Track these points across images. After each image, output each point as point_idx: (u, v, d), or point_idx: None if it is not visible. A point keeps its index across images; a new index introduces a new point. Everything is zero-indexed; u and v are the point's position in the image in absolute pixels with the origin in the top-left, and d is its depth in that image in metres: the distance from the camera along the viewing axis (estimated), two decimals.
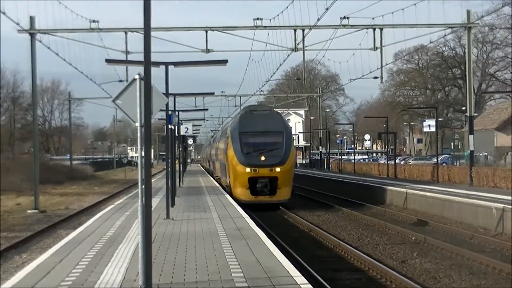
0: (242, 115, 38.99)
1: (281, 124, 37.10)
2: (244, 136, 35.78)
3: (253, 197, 34.84)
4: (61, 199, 46.51)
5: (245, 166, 34.72)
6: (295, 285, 11.27)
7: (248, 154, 35.14)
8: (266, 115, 37.91)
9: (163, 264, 13.37)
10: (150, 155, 11.09)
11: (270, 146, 35.60)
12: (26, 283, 11.71)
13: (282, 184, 34.88)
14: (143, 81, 10.92)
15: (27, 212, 36.06)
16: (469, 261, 19.85)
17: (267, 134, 36.07)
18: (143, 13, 10.56)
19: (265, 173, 34.60)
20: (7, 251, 22.38)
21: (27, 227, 29.26)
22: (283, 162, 34.87)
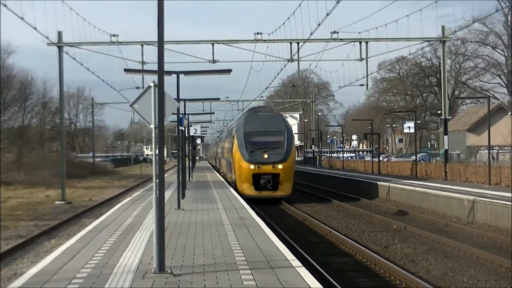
0: (247, 116, 37.94)
1: (283, 125, 35.96)
2: (249, 135, 34.67)
3: (257, 192, 33.75)
4: (85, 191, 46.56)
5: (249, 163, 33.66)
6: (291, 268, 11.31)
7: (252, 152, 33.99)
8: (269, 116, 36.85)
9: (174, 249, 13.42)
10: (163, 153, 11.14)
11: (273, 145, 34.46)
12: (55, 265, 11.76)
13: (283, 180, 33.89)
14: (157, 88, 10.97)
15: (55, 203, 36.10)
16: (444, 246, 19.90)
17: (270, 133, 34.91)
18: (157, 28, 10.61)
19: (268, 170, 33.65)
20: (38, 237, 22.44)
21: (55, 216, 29.32)
22: (284, 159, 33.81)
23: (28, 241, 21.36)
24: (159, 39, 10.64)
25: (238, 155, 34.45)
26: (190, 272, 10.91)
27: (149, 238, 14.72)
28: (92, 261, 12.22)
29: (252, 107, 51.27)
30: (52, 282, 10.32)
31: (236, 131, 36.12)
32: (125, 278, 10.52)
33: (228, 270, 11.05)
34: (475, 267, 16.56)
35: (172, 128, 72.94)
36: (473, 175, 36.85)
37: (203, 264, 11.75)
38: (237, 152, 34.57)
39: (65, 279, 10.50)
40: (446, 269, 16.29)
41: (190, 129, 36.45)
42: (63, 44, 38.72)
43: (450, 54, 76.64)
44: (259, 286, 9.75)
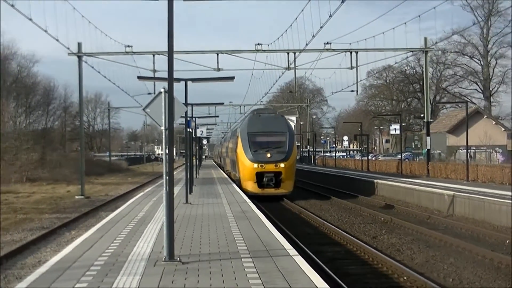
0: (250, 117, 36.26)
1: (285, 125, 34.24)
2: (252, 135, 33.03)
3: (260, 190, 32.05)
4: (102, 187, 46.58)
5: (253, 162, 32.09)
6: (288, 256, 11.32)
7: (256, 152, 32.36)
8: (271, 117, 35.26)
9: (183, 239, 13.44)
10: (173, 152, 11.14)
11: (275, 145, 32.75)
12: (75, 254, 11.79)
13: (285, 178, 32.31)
14: (167, 93, 10.98)
15: (75, 197, 36.12)
16: (426, 236, 19.91)
17: (273, 134, 33.23)
18: (167, 40, 10.62)
19: (271, 169, 32.01)
20: (60, 228, 22.45)
21: (75, 210, 29.34)
22: (286, 158, 32.20)
23: (51, 232, 21.38)
24: (169, 50, 10.65)
25: (242, 154, 33.01)
26: (197, 260, 10.93)
27: (159, 230, 14.74)
28: (109, 250, 12.24)
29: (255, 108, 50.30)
30: (73, 269, 10.34)
31: (240, 131, 34.74)
32: (138, 265, 10.54)
33: (232, 259, 11.06)
34: (454, 255, 16.56)
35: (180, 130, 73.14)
36: (453, 172, 36.90)
37: (209, 253, 11.76)
38: (241, 151, 33.09)
39: (84, 266, 10.53)
40: (428, 257, 16.30)
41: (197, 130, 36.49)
42: (82, 54, 38.76)
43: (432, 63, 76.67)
44: (259, 272, 9.76)
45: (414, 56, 65.85)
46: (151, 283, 9.10)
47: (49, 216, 26.67)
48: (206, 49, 39.64)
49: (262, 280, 9.15)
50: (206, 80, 26.21)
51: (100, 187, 46.81)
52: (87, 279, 9.46)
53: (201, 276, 9.54)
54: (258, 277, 9.43)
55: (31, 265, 15.35)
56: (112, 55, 39.43)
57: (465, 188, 27.99)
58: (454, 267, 15.04)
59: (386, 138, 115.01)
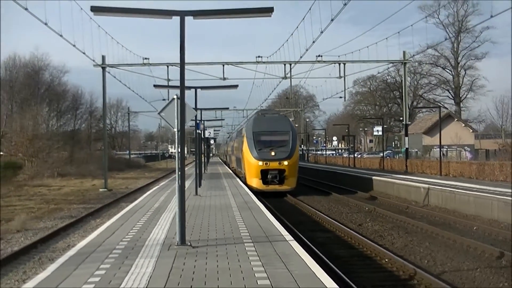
0: (255, 117, 33.93)
1: (288, 125, 31.94)
2: (257, 135, 30.64)
3: (265, 186, 29.82)
4: (122, 181, 46.60)
5: (258, 160, 29.82)
6: (284, 241, 11.31)
7: (261, 150, 30.00)
8: (275, 118, 33.11)
9: (193, 227, 13.43)
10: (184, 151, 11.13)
11: (279, 143, 30.34)
12: (100, 239, 11.78)
13: (289, 175, 30.05)
14: (179, 100, 10.96)
15: (99, 190, 36.14)
16: (405, 224, 19.91)
17: (276, 133, 30.77)
18: (179, 53, 10.60)
19: (275, 166, 29.73)
20: (86, 217, 22.47)
21: (99, 201, 29.35)
22: (290, 156, 29.93)
23: (78, 220, 21.41)
24: (181, 62, 10.63)
25: (247, 153, 30.77)
26: (205, 245, 10.91)
27: (173, 218, 14.72)
28: (128, 236, 12.23)
29: (260, 109, 47.85)
30: (97, 252, 10.33)
31: (246, 131, 32.36)
32: (154, 249, 10.52)
33: (235, 243, 11.05)
34: (429, 240, 16.56)
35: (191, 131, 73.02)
36: (428, 168, 36.91)
37: (216, 238, 11.75)
38: (247, 150, 30.81)
39: (108, 250, 10.52)
40: (407, 242, 16.29)
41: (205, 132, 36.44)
42: (106, 65, 38.79)
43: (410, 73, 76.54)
44: (260, 255, 9.75)
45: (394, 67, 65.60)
46: (165, 265, 9.09)
47: (77, 206, 26.70)
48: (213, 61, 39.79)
49: (262, 262, 9.14)
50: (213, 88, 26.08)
51: (121, 181, 46.84)
52: (110, 261, 9.45)
53: (209, 259, 9.53)
54: (259, 259, 9.41)
55: (61, 248, 15.35)
56: (132, 66, 39.46)
57: (438, 182, 27.98)
58: (429, 250, 15.03)
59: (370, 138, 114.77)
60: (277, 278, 8.00)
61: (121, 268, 8.90)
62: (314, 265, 8.88)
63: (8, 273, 12.76)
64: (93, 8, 10.18)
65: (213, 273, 8.42)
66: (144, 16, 10.79)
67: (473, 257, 14.07)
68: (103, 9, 10.28)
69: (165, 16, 10.39)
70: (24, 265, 13.55)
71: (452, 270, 12.86)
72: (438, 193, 24.83)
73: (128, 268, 8.85)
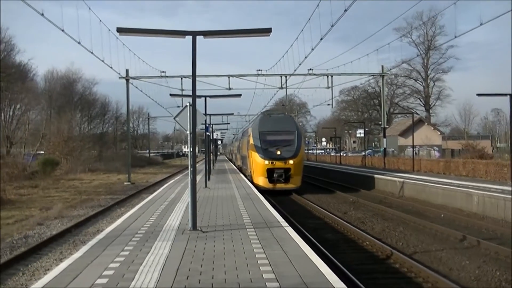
0: (261, 117, 29.77)
1: (293, 125, 28.37)
2: (263, 134, 27.28)
3: (271, 185, 26.65)
4: (143, 176, 46.60)
5: (264, 159, 26.57)
6: (281, 227, 11.29)
7: (266, 149, 26.73)
8: (281, 117, 29.38)
9: (203, 215, 13.41)
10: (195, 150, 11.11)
11: (285, 143, 26.97)
12: (124, 225, 11.77)
13: (294, 174, 26.74)
14: (191, 107, 10.96)
15: (124, 183, 36.14)
16: (383, 212, 19.90)
17: (282, 132, 27.29)
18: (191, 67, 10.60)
19: (281, 165, 26.47)
20: (113, 206, 22.48)
21: (124, 192, 29.36)
22: (295, 155, 26.61)
23: (106, 208, 21.42)
24: (193, 74, 10.63)
25: (254, 152, 27.39)
26: (213, 230, 10.90)
27: (186, 207, 14.71)
28: (149, 222, 12.23)
29: (266, 110, 43.13)
30: (123, 236, 10.33)
31: (252, 131, 28.74)
32: (170, 233, 10.52)
33: (239, 229, 11.04)
34: (403, 225, 16.55)
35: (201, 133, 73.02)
36: (403, 165, 36.91)
37: (222, 224, 11.74)
38: (253, 149, 27.45)
39: (131, 234, 10.51)
40: (384, 227, 16.29)
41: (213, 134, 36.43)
42: (129, 78, 38.75)
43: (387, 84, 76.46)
44: (260, 239, 9.73)
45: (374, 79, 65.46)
46: (179, 247, 9.09)
47: (105, 197, 26.71)
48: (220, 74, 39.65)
49: (261, 245, 9.13)
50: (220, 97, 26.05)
51: (142, 175, 46.86)
52: (133, 243, 9.44)
53: (217, 242, 9.52)
54: (259, 242, 9.40)
55: (92, 233, 15.36)
56: (151, 78, 39.47)
57: (411, 177, 27.97)
58: (403, 234, 15.02)
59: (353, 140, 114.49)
60: (274, 258, 8.00)
61: (142, 249, 8.89)
62: (306, 247, 8.87)
63: (48, 253, 12.77)
64: (118, 29, 10.18)
65: (220, 253, 8.41)
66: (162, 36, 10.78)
67: (440, 240, 14.06)
68: (127, 30, 10.28)
69: (179, 36, 10.39)
70: (61, 247, 13.55)
71: (422, 251, 12.84)
72: (411, 186, 24.81)
73: (148, 250, 8.85)
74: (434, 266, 11.19)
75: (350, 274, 10.01)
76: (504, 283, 9.90)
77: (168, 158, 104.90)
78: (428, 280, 9.92)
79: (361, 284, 9.33)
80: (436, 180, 25.32)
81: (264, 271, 7.13)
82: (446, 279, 9.69)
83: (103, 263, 7.83)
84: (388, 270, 10.95)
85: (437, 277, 9.77)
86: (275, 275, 6.86)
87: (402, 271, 10.81)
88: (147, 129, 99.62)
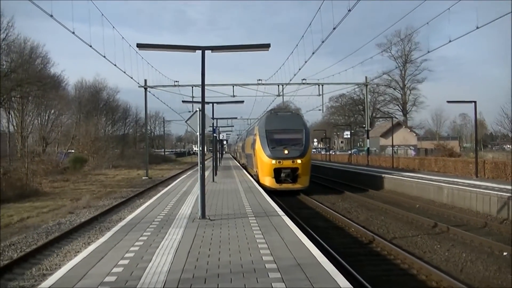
0: (268, 115, 25.27)
1: (301, 123, 24.08)
2: (270, 133, 23.31)
3: (278, 185, 22.65)
4: (159, 171, 46.57)
5: (271, 159, 22.53)
6: (278, 216, 11.25)
7: (274, 148, 22.70)
8: (288, 116, 25.08)
9: (210, 205, 13.38)
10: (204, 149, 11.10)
11: (292, 142, 22.94)
12: (143, 214, 11.75)
13: (302, 173, 22.70)
14: (200, 112, 10.95)
15: (142, 178, 36.11)
16: (367, 203, 19.81)
17: (290, 131, 23.31)
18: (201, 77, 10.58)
19: (288, 165, 22.45)
20: (133, 197, 22.46)
21: (142, 186, 29.34)
22: (303, 155, 22.58)
23: (127, 199, 21.40)
24: (202, 83, 10.62)
25: (260, 151, 23.29)
26: (220, 218, 10.88)
27: (196, 199, 14.68)
28: (164, 211, 12.21)
29: (272, 108, 36.22)
30: (141, 223, 10.31)
31: (259, 129, 24.52)
32: (182, 221, 10.50)
33: (242, 217, 11.02)
34: (384, 214, 16.51)
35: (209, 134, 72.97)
36: (383, 162, 36.85)
37: (227, 214, 11.71)
38: (260, 148, 23.34)
39: (148, 221, 10.50)
40: (368, 216, 16.24)
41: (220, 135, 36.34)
42: (147, 87, 38.66)
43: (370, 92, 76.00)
44: (260, 226, 9.72)
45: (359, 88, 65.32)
46: (191, 232, 9.08)
47: (126, 190, 26.71)
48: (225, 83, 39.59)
49: (261, 231, 9.11)
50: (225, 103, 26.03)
51: (158, 171, 46.84)
52: (151, 230, 9.44)
53: (223, 228, 9.50)
54: (259, 229, 9.39)
55: (115, 220, 15.35)
56: (166, 87, 39.34)
57: (391, 172, 27.91)
58: (384, 222, 14.99)
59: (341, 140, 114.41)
60: (272, 243, 7.98)
61: (158, 235, 8.89)
62: (300, 234, 8.86)
63: (77, 238, 12.76)
64: (138, 45, 10.19)
65: (225, 238, 8.40)
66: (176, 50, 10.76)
67: (415, 227, 14.03)
68: (145, 45, 10.29)
69: (191, 50, 10.40)
70: (88, 232, 13.56)
71: (400, 236, 12.82)
72: (391, 180, 24.75)
73: (164, 235, 8.84)
74: (410, 249, 11.16)
75: (338, 256, 9.99)
76: (470, 263, 9.88)
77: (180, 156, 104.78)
78: (405, 261, 9.90)
79: (347, 264, 9.32)
80: (412, 175, 25.27)
81: (264, 254, 7.12)
82: (421, 261, 9.68)
83: (125, 247, 7.82)
84: (370, 253, 10.93)
85: (413, 259, 9.76)
86: (273, 257, 6.85)
87: (382, 253, 10.79)
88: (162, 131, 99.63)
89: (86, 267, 6.50)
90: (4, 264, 9.60)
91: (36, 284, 8.02)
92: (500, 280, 8.70)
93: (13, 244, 11.83)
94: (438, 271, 8.83)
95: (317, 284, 5.52)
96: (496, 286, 8.35)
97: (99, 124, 54.34)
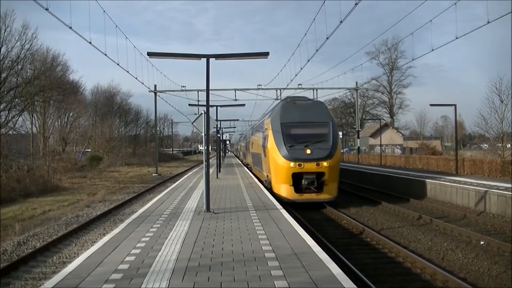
0: (283, 105, 17.34)
1: (327, 114, 16.79)
2: (287, 127, 16.08)
3: (298, 195, 15.58)
4: (168, 169, 46.54)
5: (288, 161, 15.41)
6: (277, 209, 11.26)
7: (292, 147, 15.56)
8: (309, 105, 17.31)
9: (215, 200, 13.37)
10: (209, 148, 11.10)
11: (316, 138, 15.74)
12: (153, 207, 11.76)
13: (329, 180, 15.71)
14: (205, 114, 10.95)
15: (153, 175, 36.10)
16: (358, 199, 19.78)
17: (312, 125, 16.07)
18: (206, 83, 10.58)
19: (312, 168, 15.40)
20: (144, 192, 22.43)
21: (152, 182, 29.33)
22: (331, 155, 15.57)
23: (139, 194, 21.39)
24: (207, 88, 10.63)
25: (274, 151, 16.03)
26: (223, 212, 10.88)
27: (201, 194, 14.69)
28: (172, 205, 12.21)
29: (288, 95, 24.29)
30: (152, 216, 10.32)
31: (271, 122, 16.74)
32: (189, 214, 10.50)
33: (243, 211, 11.02)
34: (373, 208, 16.46)
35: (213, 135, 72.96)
36: (373, 160, 36.84)
37: (230, 207, 11.71)
38: (273, 147, 16.08)
39: (158, 214, 10.50)
40: (358, 209, 16.20)
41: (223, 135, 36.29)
42: (157, 91, 38.61)
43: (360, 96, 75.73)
44: (260, 218, 9.72)
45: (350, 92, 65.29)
46: (197, 224, 9.08)
47: (138, 185, 26.70)
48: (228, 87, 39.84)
49: (261, 223, 9.12)
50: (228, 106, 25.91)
51: (167, 168, 46.81)
52: (160, 222, 9.44)
53: (226, 221, 9.50)
54: (259, 221, 9.39)
55: (127, 213, 15.35)
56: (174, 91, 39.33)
57: (379, 169, 27.86)
58: (373, 215, 14.97)
59: None
60: (271, 233, 7.99)
61: (167, 226, 8.89)
62: (296, 225, 8.86)
63: (94, 229, 12.77)
64: (149, 53, 10.19)
65: (228, 230, 8.40)
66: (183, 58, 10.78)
67: (401, 219, 14.02)
68: (155, 54, 10.30)
69: (197, 58, 10.40)
70: (104, 224, 13.56)
71: (388, 227, 12.81)
72: (379, 176, 24.73)
73: (172, 227, 8.84)
74: (397, 239, 11.16)
75: (330, 245, 9.99)
76: (450, 252, 9.88)
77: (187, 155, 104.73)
78: (392, 250, 9.90)
79: (339, 253, 9.31)
80: (398, 171, 25.23)
81: (263, 244, 7.12)
82: (407, 250, 9.67)
83: (137, 237, 7.82)
84: (361, 243, 10.92)
85: (399, 248, 9.76)
86: (272, 247, 6.85)
87: (372, 243, 10.78)
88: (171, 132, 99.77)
89: (102, 256, 6.51)
90: (28, 253, 9.62)
91: (57, 271, 8.02)
92: (478, 267, 8.70)
93: (36, 234, 11.84)
94: (422, 259, 8.83)
95: (311, 271, 5.53)
96: (481, 276, 8.34)
97: (113, 126, 54.34)
